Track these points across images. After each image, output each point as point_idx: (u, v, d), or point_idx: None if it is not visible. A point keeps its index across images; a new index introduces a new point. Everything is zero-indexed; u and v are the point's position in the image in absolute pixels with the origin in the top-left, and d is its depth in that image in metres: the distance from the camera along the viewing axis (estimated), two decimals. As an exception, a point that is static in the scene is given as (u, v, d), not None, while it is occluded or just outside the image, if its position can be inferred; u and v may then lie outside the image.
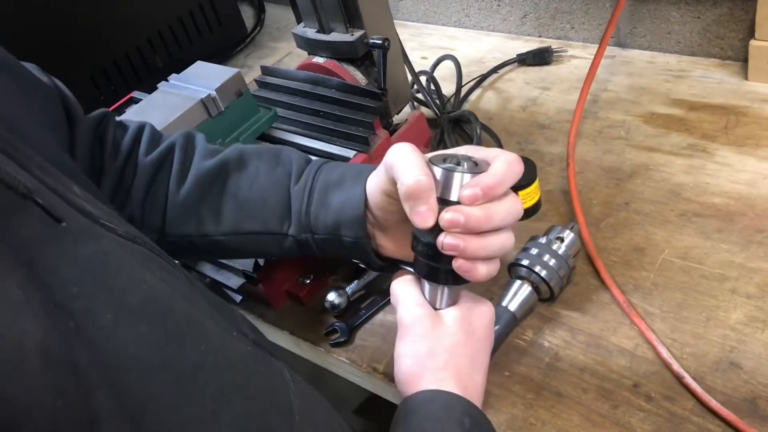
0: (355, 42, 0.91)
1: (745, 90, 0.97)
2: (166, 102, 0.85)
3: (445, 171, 0.57)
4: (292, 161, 0.70)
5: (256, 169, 0.70)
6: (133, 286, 0.41)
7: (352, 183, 0.66)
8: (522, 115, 1.06)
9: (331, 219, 0.66)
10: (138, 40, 1.28)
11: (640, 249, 0.81)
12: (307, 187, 0.67)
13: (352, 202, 0.64)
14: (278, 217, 0.68)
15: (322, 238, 0.67)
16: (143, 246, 0.49)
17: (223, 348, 0.45)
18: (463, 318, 0.62)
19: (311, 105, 0.95)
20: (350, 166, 0.69)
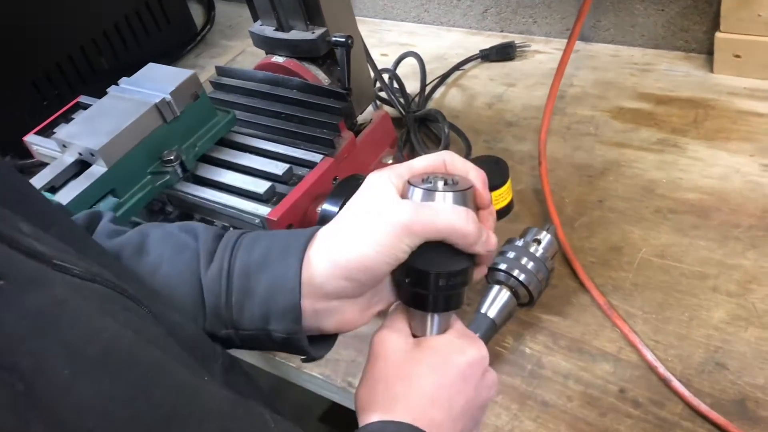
0: (316, 40, 0.87)
1: (711, 83, 0.97)
2: (118, 108, 0.80)
3: (426, 192, 0.52)
4: (199, 242, 0.56)
5: (159, 256, 0.56)
6: (91, 336, 0.37)
7: (281, 260, 0.53)
8: (488, 113, 1.03)
9: (258, 309, 0.53)
10: (82, 41, 1.21)
11: (617, 248, 0.79)
12: (224, 273, 0.53)
13: (283, 286, 0.52)
14: (188, 311, 0.55)
15: (248, 334, 0.54)
16: (104, 285, 0.45)
17: (196, 396, 0.41)
18: (434, 350, 0.53)
19: (271, 107, 0.90)
20: (273, 237, 0.55)
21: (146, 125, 0.79)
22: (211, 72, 1.24)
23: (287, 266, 0.52)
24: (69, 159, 0.79)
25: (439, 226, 0.50)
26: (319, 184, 0.80)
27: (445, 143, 0.94)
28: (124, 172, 0.77)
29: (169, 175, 0.81)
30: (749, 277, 0.73)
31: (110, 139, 0.76)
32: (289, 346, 0.55)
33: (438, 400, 0.51)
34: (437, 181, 0.53)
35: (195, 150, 0.83)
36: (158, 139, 0.80)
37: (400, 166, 0.54)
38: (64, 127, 0.83)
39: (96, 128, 0.78)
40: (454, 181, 0.54)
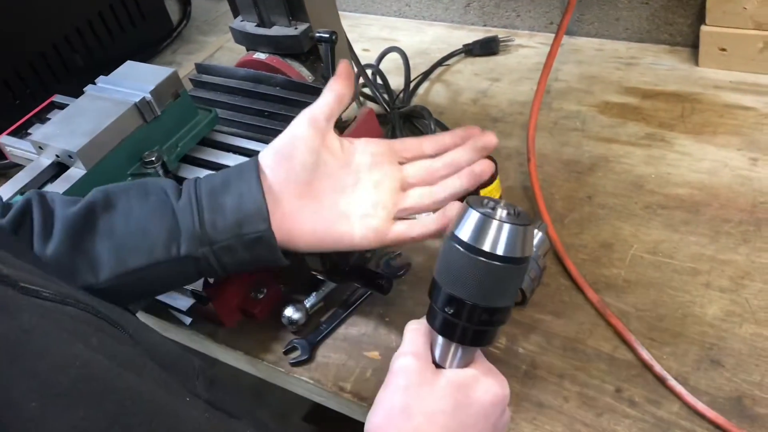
0: (299, 36, 0.85)
1: (697, 76, 0.96)
2: (96, 108, 0.77)
3: (482, 216, 0.50)
4: (163, 186, 0.63)
5: (128, 204, 0.62)
6: (62, 365, 0.36)
7: (240, 179, 0.61)
8: (473, 109, 1.02)
9: (231, 218, 0.60)
10: (55, 38, 1.17)
11: (608, 245, 0.79)
12: (192, 199, 0.61)
13: (248, 195, 0.60)
14: (164, 242, 0.60)
15: (223, 246, 0.60)
16: (75, 307, 0.43)
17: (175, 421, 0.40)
18: (460, 385, 0.53)
19: (254, 105, 0.88)
20: (227, 169, 0.64)
21: (126, 125, 0.77)
22: (189, 69, 1.21)
23: (248, 180, 0.60)
24: (46, 161, 0.76)
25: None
26: (306, 184, 0.78)
27: (432, 140, 0.92)
28: (104, 175, 0.75)
29: (151, 177, 0.78)
30: (742, 273, 0.72)
31: (89, 140, 0.73)
32: (262, 246, 0.60)
33: None
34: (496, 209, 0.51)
35: (177, 150, 0.81)
36: (138, 140, 0.78)
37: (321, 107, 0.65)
38: (40, 128, 0.81)
39: (74, 129, 0.75)
40: (516, 212, 0.51)
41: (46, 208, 0.61)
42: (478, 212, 0.50)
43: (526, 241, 0.50)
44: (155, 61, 1.34)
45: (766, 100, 0.90)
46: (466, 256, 0.50)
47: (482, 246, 0.50)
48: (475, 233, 0.50)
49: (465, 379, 0.53)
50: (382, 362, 0.73)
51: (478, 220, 0.50)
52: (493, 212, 0.50)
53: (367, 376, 0.72)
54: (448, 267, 0.52)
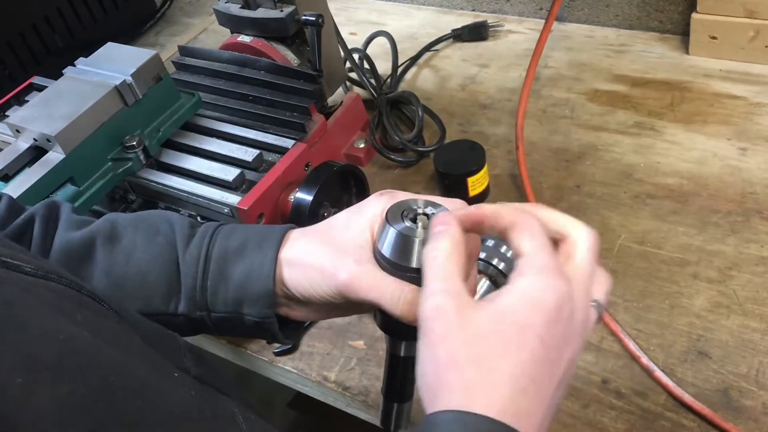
0: (285, 19, 0.83)
1: (687, 65, 0.95)
2: (75, 90, 0.75)
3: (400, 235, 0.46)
4: (174, 227, 0.57)
5: (132, 241, 0.56)
6: (45, 338, 0.34)
7: (258, 250, 0.53)
8: (462, 95, 1.01)
9: (232, 294, 0.53)
10: (34, 17, 1.15)
11: (596, 234, 0.78)
12: (202, 256, 0.54)
13: (259, 273, 0.52)
14: (162, 296, 0.55)
15: (221, 316, 0.55)
16: (58, 282, 0.42)
17: (162, 398, 0.39)
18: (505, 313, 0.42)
19: (238, 89, 0.86)
20: (250, 228, 0.56)
21: (106, 109, 0.75)
22: (172, 51, 1.19)
23: (264, 254, 0.52)
24: (23, 145, 0.74)
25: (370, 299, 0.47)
26: (291, 170, 0.77)
27: (419, 127, 0.91)
28: (83, 159, 0.73)
29: (132, 162, 0.77)
30: (729, 264, 0.72)
31: (68, 124, 0.71)
32: (261, 330, 0.54)
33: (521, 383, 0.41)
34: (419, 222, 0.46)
35: (158, 135, 0.79)
36: (119, 124, 0.76)
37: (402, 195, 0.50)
38: (18, 111, 0.79)
39: (52, 112, 0.73)
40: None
41: (50, 228, 0.58)
42: (396, 230, 0.46)
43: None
44: (138, 43, 1.32)
45: (756, 89, 0.89)
46: (394, 272, 0.47)
47: (408, 264, 0.46)
48: (398, 251, 0.46)
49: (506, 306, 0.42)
50: (366, 352, 0.72)
51: (397, 238, 0.46)
52: (413, 227, 0.46)
53: (351, 366, 0.71)
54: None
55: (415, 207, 0.48)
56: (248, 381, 1.25)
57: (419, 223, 0.47)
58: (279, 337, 0.55)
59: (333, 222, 0.52)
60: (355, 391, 0.69)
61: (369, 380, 0.70)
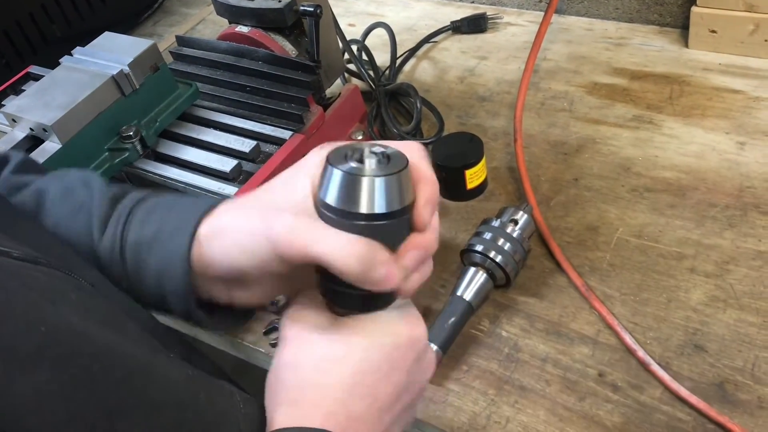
0: (283, 9, 0.83)
1: (686, 58, 0.95)
2: (72, 79, 0.75)
3: (347, 176, 0.41)
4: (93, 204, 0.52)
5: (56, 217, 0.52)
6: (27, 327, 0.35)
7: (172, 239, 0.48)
8: (460, 87, 1.01)
9: (152, 290, 0.49)
10: (31, 6, 1.14)
11: (594, 228, 0.78)
12: (116, 244, 0.50)
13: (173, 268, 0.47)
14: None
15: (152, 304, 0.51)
16: (47, 266, 0.41)
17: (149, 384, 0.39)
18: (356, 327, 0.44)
19: (236, 79, 0.86)
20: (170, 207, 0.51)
21: (103, 99, 0.74)
22: (170, 41, 1.19)
23: (177, 246, 0.47)
24: (19, 134, 0.74)
25: (312, 255, 0.41)
26: (288, 162, 0.77)
27: (417, 119, 0.91)
28: (80, 149, 0.73)
29: (128, 152, 0.76)
30: (727, 258, 0.72)
31: (64, 114, 0.71)
32: (191, 321, 0.51)
33: (358, 388, 0.43)
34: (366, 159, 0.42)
35: (155, 125, 0.79)
36: (116, 114, 0.76)
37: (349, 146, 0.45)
38: (14, 100, 0.78)
39: (49, 101, 0.73)
40: (386, 156, 0.42)
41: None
42: (339, 170, 0.41)
43: (405, 187, 0.42)
44: (135, 32, 1.31)
45: (756, 83, 0.89)
46: (341, 222, 0.42)
47: (357, 209, 0.41)
48: (344, 195, 0.42)
49: (362, 324, 0.44)
50: (363, 344, 0.72)
51: (342, 180, 0.41)
52: (360, 167, 0.41)
53: (348, 358, 0.71)
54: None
55: (360, 148, 0.42)
56: (245, 372, 1.25)
57: (366, 161, 0.42)
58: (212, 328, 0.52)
59: (269, 183, 0.47)
60: (352, 383, 0.69)
61: (365, 372, 0.70)
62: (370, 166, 0.41)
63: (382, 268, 0.41)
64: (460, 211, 0.83)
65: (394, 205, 0.42)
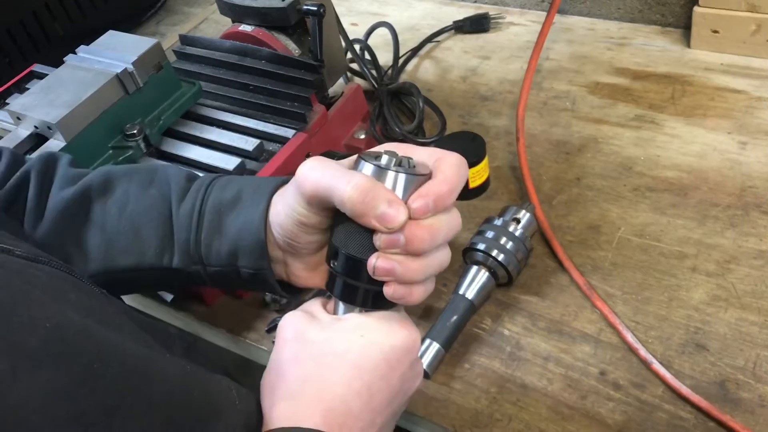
0: (286, 8, 0.83)
1: (688, 58, 0.95)
2: (76, 78, 0.75)
3: (376, 168, 0.45)
4: (170, 179, 0.56)
5: (125, 193, 0.56)
6: (32, 323, 0.35)
7: (251, 201, 0.53)
8: (463, 86, 1.01)
9: (227, 247, 0.53)
10: (34, 5, 1.14)
11: (596, 227, 0.78)
12: (196, 210, 0.54)
13: (250, 225, 0.52)
14: (156, 249, 0.55)
15: (217, 270, 0.54)
16: (48, 264, 0.42)
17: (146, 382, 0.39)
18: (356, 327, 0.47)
19: (239, 78, 0.86)
20: (246, 179, 0.56)
21: (107, 97, 0.75)
22: (173, 40, 1.19)
23: (255, 206, 0.52)
24: (24, 132, 0.74)
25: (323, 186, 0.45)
26: (291, 160, 0.77)
27: (420, 118, 0.91)
28: (84, 147, 0.73)
29: (132, 150, 0.77)
30: (728, 257, 0.72)
31: (69, 112, 0.72)
32: (257, 282, 0.54)
33: (356, 384, 0.44)
34: (392, 160, 0.46)
35: (159, 123, 0.79)
36: (120, 112, 0.76)
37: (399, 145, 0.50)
38: (18, 98, 0.78)
39: (53, 100, 0.73)
40: (410, 165, 0.46)
41: (45, 185, 0.57)
42: (372, 164, 0.45)
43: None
44: (139, 31, 1.32)
45: (757, 83, 0.89)
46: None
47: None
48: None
49: (363, 323, 0.47)
50: (366, 342, 0.72)
51: (372, 173, 0.45)
52: (386, 163, 0.46)
53: (350, 356, 0.72)
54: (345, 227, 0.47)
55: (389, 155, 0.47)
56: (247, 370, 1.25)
57: (391, 161, 0.46)
58: (276, 288, 0.54)
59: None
60: (354, 381, 0.70)
61: (368, 370, 0.70)
62: (396, 165, 0.46)
63: (385, 203, 0.44)
64: (462, 210, 0.82)
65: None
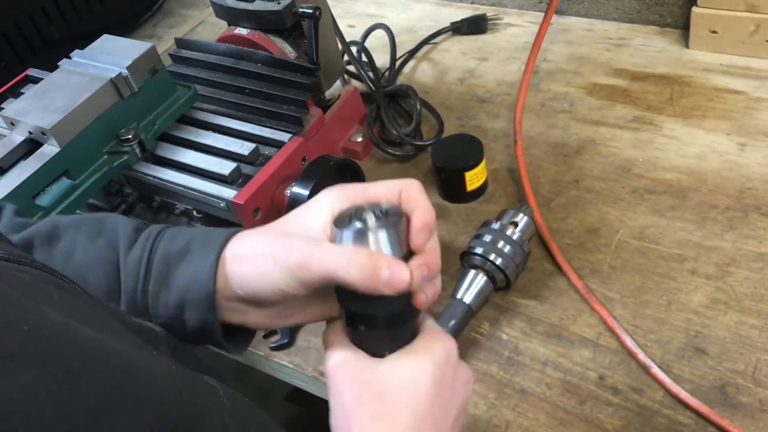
0: (282, 11, 0.83)
1: (686, 59, 0.95)
2: (70, 83, 0.75)
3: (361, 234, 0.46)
4: (117, 229, 0.55)
5: (72, 242, 0.55)
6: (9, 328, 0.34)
7: (201, 253, 0.52)
8: (460, 88, 1.00)
9: (174, 299, 0.52)
10: (30, 8, 1.14)
11: (594, 230, 0.78)
12: (144, 259, 0.53)
13: (199, 278, 0.51)
14: (103, 298, 0.53)
15: (162, 321, 0.53)
16: (32, 266, 0.41)
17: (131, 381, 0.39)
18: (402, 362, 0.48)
19: (235, 82, 0.86)
20: (195, 231, 0.55)
21: (102, 102, 0.74)
22: (169, 43, 1.18)
23: (205, 258, 0.51)
24: (18, 138, 0.74)
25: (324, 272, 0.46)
26: (287, 164, 0.77)
27: (417, 120, 0.90)
28: (79, 153, 0.73)
29: (127, 155, 0.76)
30: (727, 260, 0.72)
31: (63, 117, 0.71)
32: (204, 335, 0.53)
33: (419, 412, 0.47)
34: (367, 218, 0.46)
35: (154, 128, 0.79)
36: (115, 117, 0.76)
37: (353, 188, 0.50)
38: (13, 103, 0.78)
39: (47, 105, 0.73)
40: (383, 212, 0.47)
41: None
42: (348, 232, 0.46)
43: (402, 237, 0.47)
44: (135, 34, 1.31)
45: (756, 83, 0.89)
46: None
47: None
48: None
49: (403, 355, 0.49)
50: (363, 347, 0.72)
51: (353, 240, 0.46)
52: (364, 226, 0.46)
53: (347, 361, 0.71)
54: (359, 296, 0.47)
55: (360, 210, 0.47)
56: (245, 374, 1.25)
57: (368, 220, 0.46)
58: (222, 343, 0.54)
59: (285, 217, 0.52)
60: (351, 387, 0.69)
61: (365, 375, 0.70)
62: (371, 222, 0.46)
63: (386, 269, 0.45)
64: (459, 214, 0.82)
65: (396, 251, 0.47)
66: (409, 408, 0.47)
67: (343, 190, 0.50)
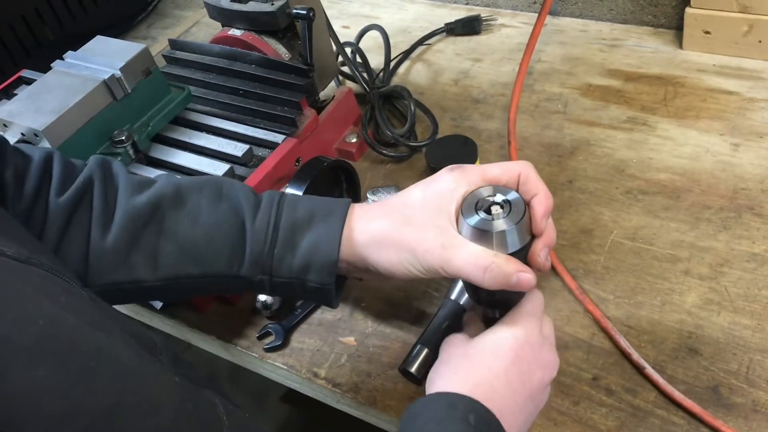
0: (276, 12, 0.83)
1: (680, 59, 0.95)
2: (63, 84, 0.74)
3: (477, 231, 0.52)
4: (239, 195, 0.60)
5: (197, 206, 0.59)
6: (25, 321, 0.35)
7: (324, 222, 0.58)
8: (454, 89, 1.00)
9: (300, 262, 0.57)
10: (23, 9, 1.14)
11: (588, 230, 0.78)
12: (271, 224, 0.58)
13: (326, 245, 0.57)
14: (226, 258, 0.58)
15: (283, 281, 0.58)
16: (40, 267, 0.41)
17: (143, 384, 0.39)
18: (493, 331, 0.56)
19: (229, 83, 0.86)
20: (316, 200, 0.60)
21: (95, 103, 0.74)
22: (163, 44, 1.18)
23: (331, 227, 0.57)
24: (10, 139, 0.73)
25: (452, 271, 0.53)
26: (281, 166, 0.77)
27: (411, 121, 0.90)
28: (72, 154, 0.71)
29: (121, 157, 0.76)
30: (721, 260, 0.72)
31: (56, 119, 0.71)
32: (319, 295, 0.59)
33: (494, 370, 0.53)
34: (493, 210, 0.52)
35: (148, 129, 0.79)
36: (108, 119, 0.75)
37: (473, 171, 0.55)
38: (6, 104, 0.78)
39: (40, 106, 0.73)
40: (507, 201, 0.52)
41: (110, 191, 0.59)
42: (472, 227, 0.52)
43: (525, 229, 0.53)
44: (130, 35, 1.31)
45: (750, 84, 0.89)
46: None
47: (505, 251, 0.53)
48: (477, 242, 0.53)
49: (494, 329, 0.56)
50: (357, 348, 0.72)
51: (474, 233, 0.52)
52: (489, 219, 0.52)
53: (341, 362, 0.71)
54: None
55: (486, 196, 0.53)
56: (240, 375, 1.25)
57: (493, 213, 0.52)
58: (333, 302, 0.60)
59: (407, 200, 0.57)
60: (345, 388, 0.69)
61: (359, 377, 0.70)
62: (495, 220, 0.52)
63: (515, 276, 0.52)
64: (454, 214, 0.82)
65: (517, 245, 0.53)
66: (485, 364, 0.54)
67: (464, 174, 0.55)
